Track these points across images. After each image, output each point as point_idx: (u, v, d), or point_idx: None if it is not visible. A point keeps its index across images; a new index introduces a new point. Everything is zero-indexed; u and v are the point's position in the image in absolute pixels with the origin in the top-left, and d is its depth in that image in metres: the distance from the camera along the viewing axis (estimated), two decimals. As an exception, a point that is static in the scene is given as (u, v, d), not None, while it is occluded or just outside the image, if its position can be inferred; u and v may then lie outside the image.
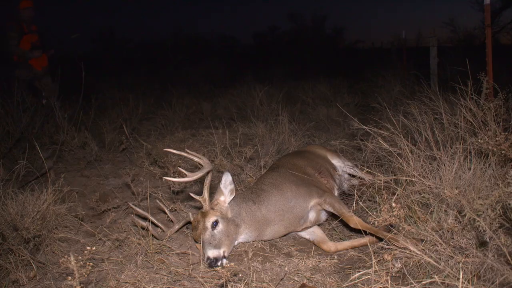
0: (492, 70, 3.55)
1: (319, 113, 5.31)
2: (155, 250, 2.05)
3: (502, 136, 1.81)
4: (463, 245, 1.57)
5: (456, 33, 12.75)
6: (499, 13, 12.16)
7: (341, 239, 2.24)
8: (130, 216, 2.56)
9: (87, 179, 3.36)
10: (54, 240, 2.17)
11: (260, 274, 1.86)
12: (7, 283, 1.82)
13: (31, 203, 2.15)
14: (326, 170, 2.57)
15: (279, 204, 2.11)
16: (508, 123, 2.52)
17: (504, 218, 1.57)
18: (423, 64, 6.33)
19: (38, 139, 3.95)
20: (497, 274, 1.41)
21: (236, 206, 2.07)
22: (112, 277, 1.85)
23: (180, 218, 2.34)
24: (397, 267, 1.70)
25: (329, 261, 1.96)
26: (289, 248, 2.14)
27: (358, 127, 2.59)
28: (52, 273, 1.92)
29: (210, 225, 1.94)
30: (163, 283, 1.80)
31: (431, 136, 2.38)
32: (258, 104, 5.44)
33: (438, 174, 1.93)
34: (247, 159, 3.28)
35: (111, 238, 2.23)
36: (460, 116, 2.42)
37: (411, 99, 3.37)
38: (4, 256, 1.94)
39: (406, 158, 2.15)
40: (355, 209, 2.29)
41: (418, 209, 1.80)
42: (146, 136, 4.83)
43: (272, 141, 3.69)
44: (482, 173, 1.85)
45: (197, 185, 3.04)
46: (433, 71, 5.52)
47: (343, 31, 18.36)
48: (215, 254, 1.89)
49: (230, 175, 2.07)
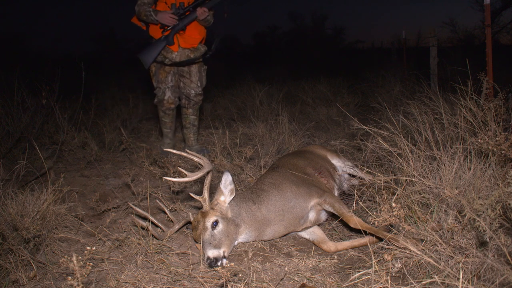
0: (492, 70, 3.55)
1: (319, 113, 5.31)
2: (155, 250, 2.05)
3: (502, 136, 1.81)
4: (463, 245, 1.57)
5: (456, 33, 12.77)
6: (499, 13, 12.16)
7: (341, 239, 2.24)
8: (130, 216, 2.56)
9: (87, 179, 3.36)
10: (54, 240, 2.17)
11: (260, 274, 1.86)
12: (7, 283, 1.82)
13: (31, 203, 2.15)
14: (326, 170, 2.57)
15: (279, 204, 2.11)
16: (508, 123, 2.52)
17: (504, 218, 1.57)
18: (423, 64, 6.33)
19: (38, 139, 3.95)
20: (497, 274, 1.41)
21: (236, 206, 2.07)
22: (112, 277, 1.85)
23: (180, 218, 2.34)
24: (397, 267, 1.70)
25: (329, 261, 1.96)
26: (289, 248, 2.14)
27: (358, 127, 2.59)
28: (52, 273, 1.92)
29: (210, 225, 1.94)
30: (163, 283, 1.80)
31: (431, 136, 2.38)
32: (258, 104, 5.44)
33: (438, 174, 1.93)
34: (247, 159, 3.28)
35: (111, 238, 2.23)
36: (460, 116, 2.42)
37: (411, 99, 3.37)
38: (4, 256, 1.94)
39: (406, 158, 2.15)
40: (355, 209, 2.29)
41: (418, 209, 1.81)
42: (146, 136, 4.83)
43: (272, 141, 3.69)
44: (482, 173, 1.86)
45: (197, 185, 3.04)
46: (433, 71, 5.53)
47: (343, 31, 18.39)
48: (215, 254, 1.89)
49: (230, 175, 2.07)
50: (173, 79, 3.71)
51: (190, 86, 3.73)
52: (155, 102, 3.76)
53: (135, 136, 4.76)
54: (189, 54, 3.60)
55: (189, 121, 3.91)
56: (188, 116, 3.89)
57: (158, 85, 3.69)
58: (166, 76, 3.67)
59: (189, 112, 3.86)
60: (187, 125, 3.92)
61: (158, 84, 3.69)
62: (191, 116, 3.89)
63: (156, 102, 3.76)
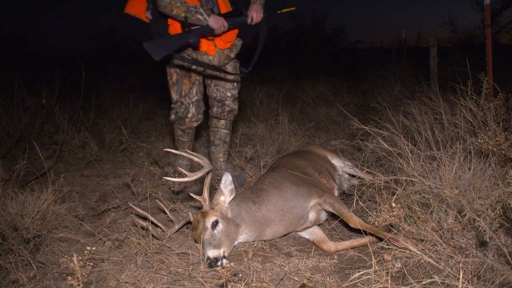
0: (492, 70, 3.55)
1: (319, 113, 5.31)
2: (155, 250, 2.05)
3: (502, 136, 1.81)
4: (463, 245, 1.57)
5: (456, 33, 12.75)
6: (499, 13, 12.15)
7: (341, 239, 2.24)
8: (130, 216, 2.56)
9: (87, 179, 3.37)
10: (54, 240, 2.17)
11: (260, 274, 1.86)
12: (7, 283, 1.82)
13: (31, 203, 2.15)
14: (326, 170, 2.57)
15: (279, 204, 2.12)
16: (508, 123, 2.52)
17: (504, 218, 1.57)
18: (423, 64, 6.33)
19: (38, 139, 3.95)
20: (497, 274, 1.41)
21: (236, 206, 2.07)
22: (112, 277, 1.85)
23: (180, 218, 2.34)
24: (397, 267, 1.70)
25: (329, 261, 1.96)
26: (289, 248, 2.14)
27: (358, 127, 2.59)
28: (52, 273, 1.92)
29: (210, 225, 1.94)
30: (163, 283, 1.80)
31: (431, 136, 2.38)
32: (258, 104, 5.44)
33: (438, 174, 1.93)
34: (247, 159, 3.28)
35: (111, 238, 2.23)
36: (460, 116, 2.42)
37: (411, 99, 3.37)
38: (4, 256, 1.94)
39: (406, 158, 2.15)
40: (355, 209, 2.29)
41: (418, 209, 1.81)
42: (146, 136, 4.83)
43: (272, 141, 3.70)
44: (482, 173, 1.86)
45: (197, 185, 3.04)
46: (433, 71, 5.53)
47: (343, 31, 18.37)
48: (215, 254, 1.89)
49: (230, 175, 2.08)
50: (198, 91, 2.91)
51: (226, 87, 2.92)
52: (172, 119, 2.92)
53: (135, 136, 4.76)
54: (228, 54, 2.83)
55: (219, 137, 3.04)
56: (218, 130, 3.03)
57: (180, 99, 2.84)
58: (191, 87, 2.85)
59: (220, 124, 3.01)
60: (217, 141, 3.05)
61: (181, 98, 2.84)
62: (222, 130, 3.03)
63: (174, 120, 2.92)
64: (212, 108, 3.00)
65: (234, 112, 3.00)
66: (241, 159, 3.23)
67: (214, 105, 2.98)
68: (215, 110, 2.99)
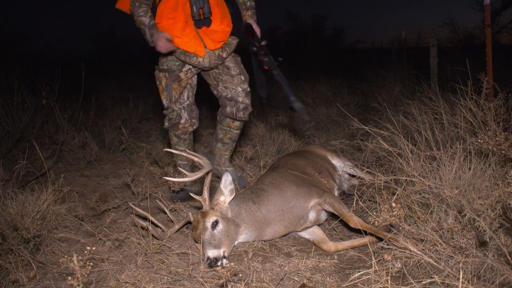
0: (492, 70, 3.55)
1: (319, 113, 5.31)
2: (155, 250, 2.05)
3: (502, 136, 1.81)
4: (463, 245, 1.57)
5: (456, 33, 12.75)
6: (499, 13, 12.15)
7: (341, 239, 2.24)
8: (130, 216, 2.56)
9: (87, 179, 3.37)
10: (54, 240, 2.17)
11: (260, 274, 1.86)
12: (7, 283, 1.82)
13: (31, 203, 2.15)
14: (326, 170, 2.57)
15: (279, 204, 2.12)
16: (508, 123, 2.52)
17: (504, 218, 1.57)
18: (423, 64, 6.33)
19: (38, 139, 3.95)
20: (497, 274, 1.41)
21: (236, 206, 2.07)
22: (112, 277, 1.85)
23: (180, 218, 2.34)
24: (397, 267, 1.70)
25: (329, 261, 1.96)
26: (289, 248, 2.14)
27: (358, 127, 2.59)
28: (52, 273, 1.92)
29: (210, 225, 1.94)
30: (163, 283, 1.80)
31: (431, 136, 2.38)
32: (258, 104, 5.43)
33: (438, 174, 1.93)
34: (247, 159, 3.28)
35: (111, 238, 2.23)
36: (460, 116, 2.42)
37: (411, 99, 3.37)
38: (4, 256, 1.94)
39: (406, 158, 2.15)
40: (355, 209, 2.29)
41: (418, 209, 1.81)
42: (146, 136, 4.83)
43: (272, 141, 3.70)
44: (482, 173, 1.86)
45: (197, 185, 3.04)
46: (433, 71, 5.53)
47: (343, 31, 18.37)
48: (215, 254, 1.89)
49: (230, 175, 2.08)
50: (190, 96, 2.73)
51: (233, 81, 2.76)
52: (166, 126, 2.76)
53: (135, 136, 4.76)
54: (220, 54, 2.67)
55: (231, 136, 2.93)
56: (230, 130, 2.90)
57: (170, 105, 2.69)
58: (181, 92, 2.69)
59: (234, 125, 2.87)
60: (226, 140, 2.95)
61: (171, 104, 2.68)
62: (235, 131, 2.91)
63: (168, 127, 2.76)
64: (225, 108, 2.80)
65: (249, 108, 2.82)
66: (241, 159, 3.23)
67: (226, 104, 2.79)
68: (228, 110, 2.79)
